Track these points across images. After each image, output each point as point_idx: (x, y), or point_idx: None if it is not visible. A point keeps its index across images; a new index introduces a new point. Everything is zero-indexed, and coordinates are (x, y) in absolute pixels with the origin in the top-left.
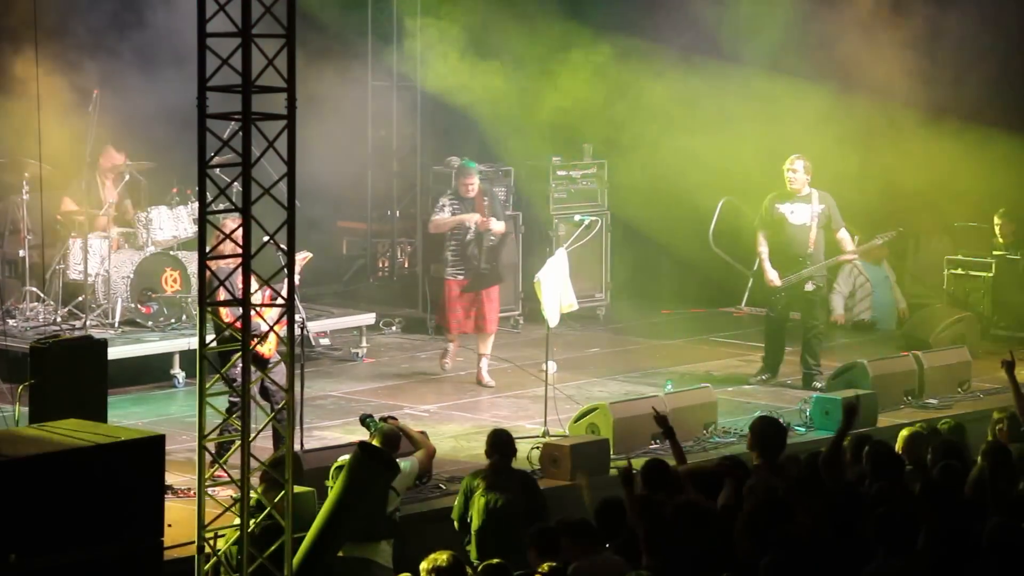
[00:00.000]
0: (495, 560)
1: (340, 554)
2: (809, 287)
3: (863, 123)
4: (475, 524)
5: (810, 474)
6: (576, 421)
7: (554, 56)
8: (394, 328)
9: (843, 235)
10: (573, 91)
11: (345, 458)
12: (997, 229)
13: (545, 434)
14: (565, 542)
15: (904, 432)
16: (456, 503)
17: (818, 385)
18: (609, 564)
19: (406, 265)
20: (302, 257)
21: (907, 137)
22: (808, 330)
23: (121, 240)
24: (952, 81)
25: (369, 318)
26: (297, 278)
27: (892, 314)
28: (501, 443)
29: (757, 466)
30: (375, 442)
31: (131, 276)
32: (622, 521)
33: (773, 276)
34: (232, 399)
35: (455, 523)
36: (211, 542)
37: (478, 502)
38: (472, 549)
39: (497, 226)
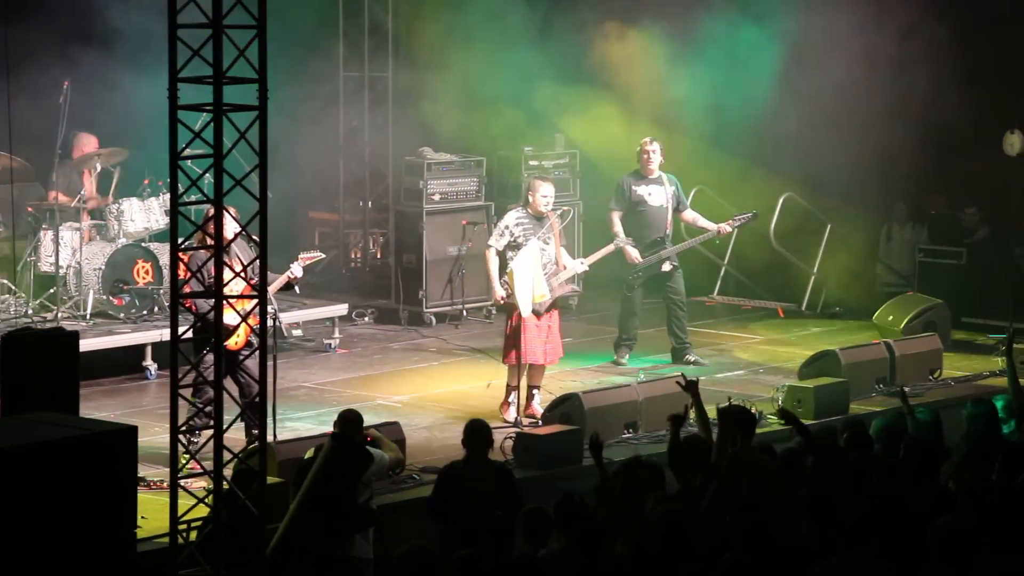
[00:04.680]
0: (469, 550)
1: (314, 551)
2: (666, 267)
3: (837, 109)
4: (453, 515)
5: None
6: (549, 411)
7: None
8: (367, 319)
9: (691, 214)
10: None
11: (311, 454)
12: (966, 219)
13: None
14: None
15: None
16: (432, 493)
17: (690, 358)
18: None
19: (378, 255)
20: (314, 256)
21: (880, 126)
22: (673, 305)
23: (93, 232)
24: (923, 73)
25: (341, 309)
26: (301, 270)
27: None
28: (478, 433)
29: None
30: (335, 427)
31: (103, 268)
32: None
33: (635, 255)
34: (198, 384)
35: (429, 513)
36: (184, 534)
37: (454, 492)
38: (447, 539)
39: (580, 268)
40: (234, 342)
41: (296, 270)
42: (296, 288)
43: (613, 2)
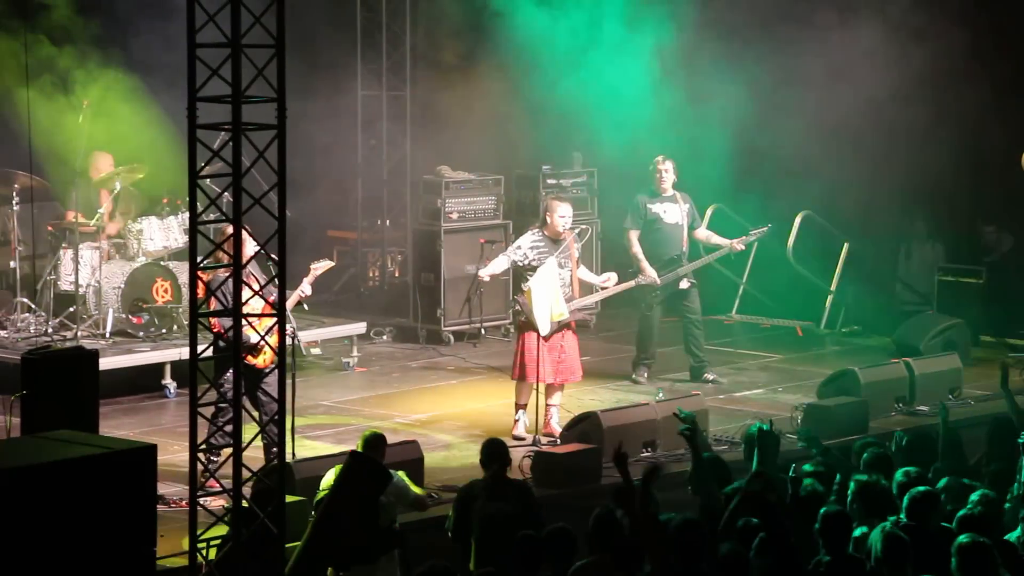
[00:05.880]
0: (490, 569)
1: (339, 574)
2: (684, 284)
3: (855, 127)
4: (475, 534)
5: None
6: (568, 429)
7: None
8: (385, 337)
9: (705, 232)
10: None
11: (328, 479)
12: (986, 237)
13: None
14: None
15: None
16: (451, 514)
17: (709, 377)
18: (602, 565)
19: (396, 274)
20: (324, 266)
21: (901, 142)
22: (689, 323)
23: (112, 251)
24: (946, 89)
25: (360, 327)
26: (310, 288)
27: None
28: (497, 453)
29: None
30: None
31: (122, 287)
32: (613, 534)
33: (654, 275)
34: (220, 405)
35: (449, 534)
36: (203, 552)
37: (478, 512)
38: (472, 560)
39: (602, 283)
40: (263, 360)
41: (306, 288)
42: (305, 305)
43: (635, 20)
